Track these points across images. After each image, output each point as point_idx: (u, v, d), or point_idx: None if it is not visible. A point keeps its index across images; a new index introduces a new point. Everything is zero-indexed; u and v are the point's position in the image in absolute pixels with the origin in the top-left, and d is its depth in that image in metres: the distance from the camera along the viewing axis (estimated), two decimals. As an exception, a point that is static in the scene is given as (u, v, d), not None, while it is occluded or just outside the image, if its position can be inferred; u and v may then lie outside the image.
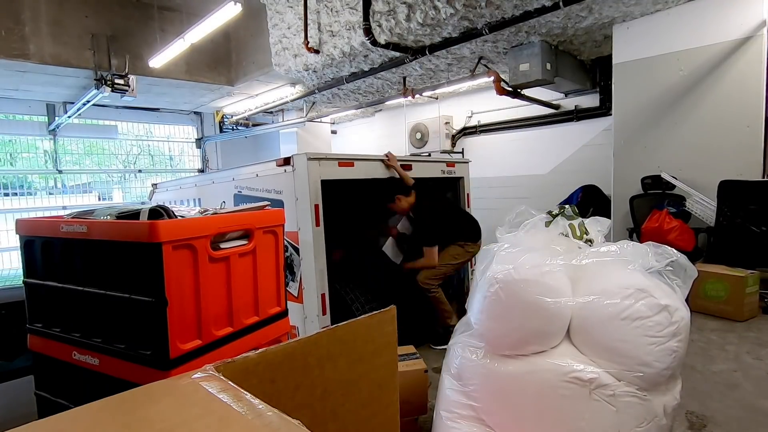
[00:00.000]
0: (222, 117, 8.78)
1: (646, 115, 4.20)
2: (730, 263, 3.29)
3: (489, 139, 7.04)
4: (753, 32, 3.58)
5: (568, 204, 1.91)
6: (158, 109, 8.33)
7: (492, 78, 4.96)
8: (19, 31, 4.98)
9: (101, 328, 1.72)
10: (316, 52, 5.15)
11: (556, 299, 1.44)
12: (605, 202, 5.15)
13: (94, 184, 8.42)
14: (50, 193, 7.72)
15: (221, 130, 8.95)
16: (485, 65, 5.28)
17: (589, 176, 5.69)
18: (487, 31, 4.17)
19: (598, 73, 5.52)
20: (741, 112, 3.67)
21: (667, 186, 3.96)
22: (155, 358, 1.60)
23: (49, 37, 5.19)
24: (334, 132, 9.63)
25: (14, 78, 5.75)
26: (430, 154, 7.19)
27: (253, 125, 8.91)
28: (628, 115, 4.32)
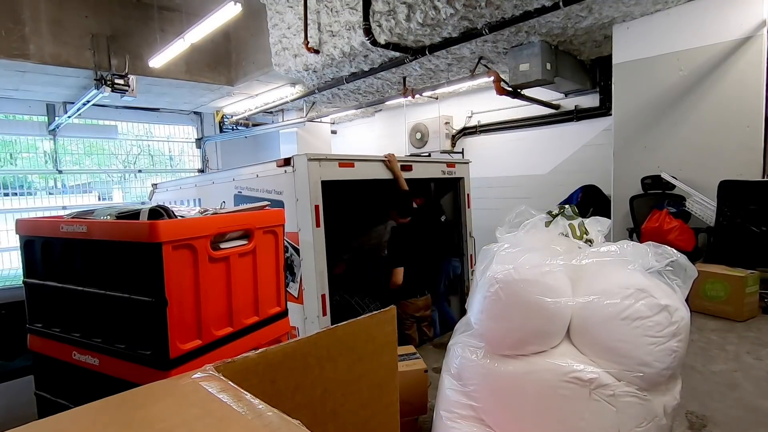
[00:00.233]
0: (222, 117, 8.78)
1: (646, 115, 4.20)
2: (730, 263, 3.28)
3: (489, 139, 7.04)
4: (753, 32, 3.58)
5: (568, 204, 1.91)
6: (158, 109, 8.33)
7: (492, 78, 4.96)
8: (19, 31, 4.98)
9: (101, 328, 1.72)
10: (316, 52, 5.15)
11: (556, 299, 1.44)
12: (605, 202, 5.15)
13: (94, 184, 8.42)
14: (50, 193, 7.72)
15: (221, 130, 8.95)
16: (485, 65, 5.28)
17: (589, 176, 5.69)
18: (487, 31, 4.17)
19: (598, 73, 5.51)
20: (741, 112, 3.67)
21: (667, 186, 3.96)
22: (155, 358, 1.60)
23: (49, 37, 5.19)
24: (334, 132, 9.62)
25: (14, 78, 5.75)
26: (430, 154, 7.19)
27: (253, 125, 8.91)
28: (628, 115, 4.32)
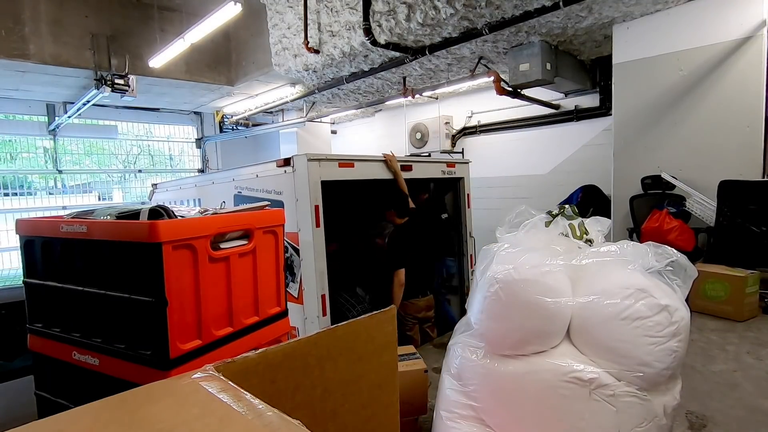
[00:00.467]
0: (222, 117, 8.78)
1: (646, 115, 4.20)
2: (730, 263, 3.28)
3: (489, 139, 7.04)
4: (753, 32, 3.57)
5: (568, 204, 1.91)
6: (158, 109, 8.33)
7: (492, 78, 4.96)
8: (19, 31, 4.98)
9: (101, 328, 1.72)
10: (316, 52, 5.15)
11: (556, 299, 1.44)
12: (605, 202, 5.15)
13: (94, 184, 8.42)
14: (50, 193, 7.72)
15: (221, 130, 8.95)
16: (485, 65, 5.28)
17: (589, 176, 5.69)
18: (487, 31, 4.17)
19: (598, 73, 5.51)
20: (741, 112, 3.67)
21: (667, 186, 3.95)
22: (155, 358, 1.60)
23: (49, 37, 5.19)
24: (334, 132, 9.62)
25: (14, 78, 5.75)
26: (430, 154, 7.19)
27: (253, 125, 8.90)
28: (628, 115, 4.32)
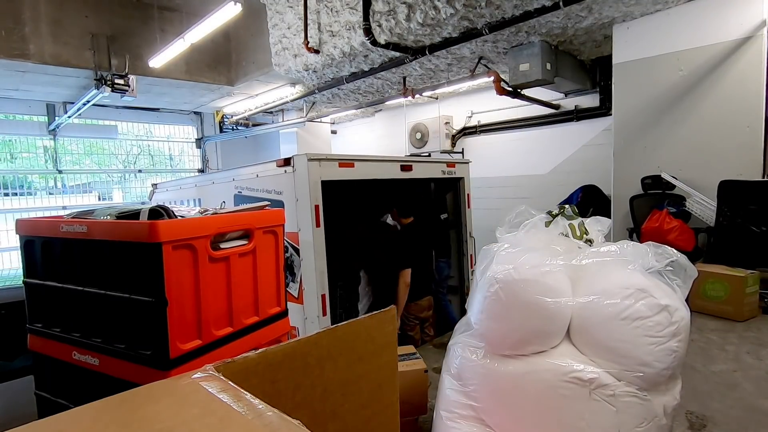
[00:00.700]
0: (222, 117, 8.78)
1: (646, 115, 4.20)
2: (730, 263, 3.28)
3: (489, 139, 7.04)
4: (753, 32, 3.57)
5: (568, 204, 1.91)
6: (158, 109, 8.32)
7: (492, 78, 4.96)
8: (19, 31, 4.97)
9: (101, 328, 1.72)
10: (316, 52, 5.14)
11: (556, 299, 1.44)
12: (605, 202, 5.15)
13: (94, 184, 8.42)
14: (50, 193, 7.72)
15: (221, 130, 8.95)
16: (485, 65, 5.28)
17: (589, 176, 5.69)
18: (487, 31, 4.16)
19: (598, 73, 5.51)
20: (741, 112, 3.67)
21: (667, 186, 3.95)
22: (155, 358, 1.60)
23: (49, 37, 5.19)
24: (334, 132, 9.62)
25: (14, 78, 5.75)
26: (430, 154, 7.19)
27: (253, 125, 8.90)
28: (628, 115, 4.32)
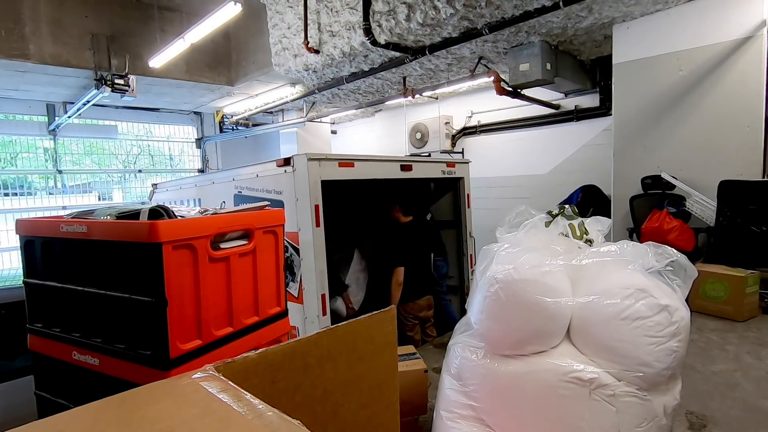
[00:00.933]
0: (222, 117, 8.78)
1: (646, 115, 4.20)
2: (730, 263, 3.28)
3: (489, 139, 7.04)
4: (753, 32, 3.57)
5: (568, 204, 1.91)
6: (158, 109, 8.32)
7: (492, 78, 4.96)
8: (19, 31, 4.97)
9: (101, 328, 1.72)
10: (316, 52, 5.14)
11: (556, 299, 1.44)
12: (605, 202, 5.15)
13: (94, 184, 8.42)
14: (50, 193, 7.72)
15: (221, 130, 8.95)
16: (485, 65, 5.28)
17: (589, 176, 5.68)
18: (487, 31, 4.16)
19: (598, 73, 5.51)
20: (741, 112, 3.67)
21: (667, 186, 3.95)
22: (155, 358, 1.60)
23: (49, 37, 5.18)
24: (334, 132, 9.62)
25: (14, 78, 5.75)
26: (430, 154, 7.19)
27: (253, 125, 8.90)
28: (628, 115, 4.32)
